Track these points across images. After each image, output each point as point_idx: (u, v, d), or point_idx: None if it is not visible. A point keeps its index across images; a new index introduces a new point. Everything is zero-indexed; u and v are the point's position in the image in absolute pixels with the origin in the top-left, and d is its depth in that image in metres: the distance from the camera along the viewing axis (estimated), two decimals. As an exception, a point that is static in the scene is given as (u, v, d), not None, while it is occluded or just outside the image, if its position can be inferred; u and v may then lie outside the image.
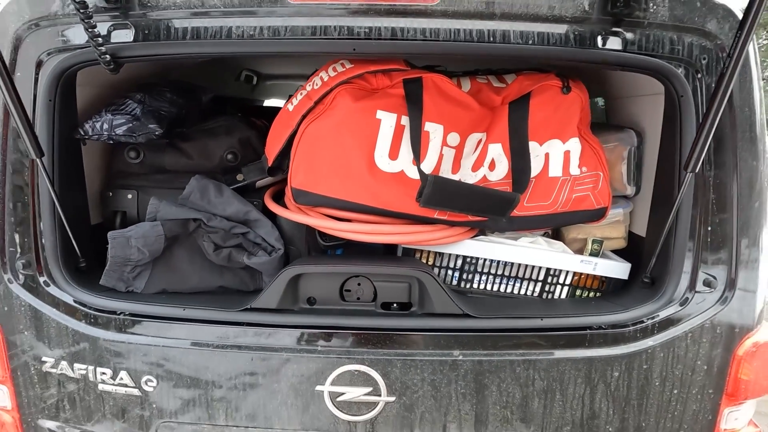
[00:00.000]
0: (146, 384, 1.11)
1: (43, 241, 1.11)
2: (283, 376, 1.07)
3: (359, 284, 1.11)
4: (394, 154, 1.10)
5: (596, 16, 1.00)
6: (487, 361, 1.06)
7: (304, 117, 1.10)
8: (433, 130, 1.11)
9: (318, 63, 1.33)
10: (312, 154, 1.09)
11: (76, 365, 1.13)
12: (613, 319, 1.07)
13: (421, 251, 1.24)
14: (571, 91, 1.11)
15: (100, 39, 0.97)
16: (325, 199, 1.11)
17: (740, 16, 0.96)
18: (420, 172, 1.04)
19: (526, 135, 1.08)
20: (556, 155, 1.13)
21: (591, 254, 1.27)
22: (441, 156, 1.12)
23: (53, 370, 1.15)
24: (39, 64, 1.07)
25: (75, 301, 1.12)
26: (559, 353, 1.07)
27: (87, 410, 1.15)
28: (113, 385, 1.12)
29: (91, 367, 1.12)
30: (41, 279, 1.14)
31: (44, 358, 1.15)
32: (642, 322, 1.08)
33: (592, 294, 1.27)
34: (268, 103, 3.19)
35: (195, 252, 1.19)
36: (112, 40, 1.04)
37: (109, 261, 1.10)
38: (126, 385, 1.11)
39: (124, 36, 1.04)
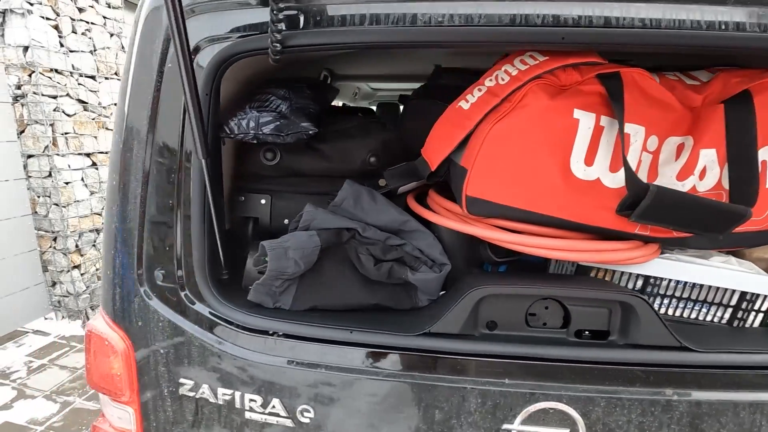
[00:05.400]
0: (302, 414, 0.98)
1: (192, 250, 1.00)
2: (465, 411, 0.93)
3: (546, 308, 0.97)
4: (590, 159, 0.96)
5: None
6: (706, 403, 0.91)
7: (486, 116, 0.97)
8: (634, 132, 0.96)
9: (419, 62, 1.20)
10: (496, 158, 0.95)
11: (221, 390, 1.01)
12: None
13: (597, 269, 1.10)
14: (799, 89, 0.95)
15: (282, 24, 0.85)
16: (505, 210, 0.97)
17: None
18: (632, 180, 0.90)
19: (754, 140, 0.93)
20: (777, 164, 0.97)
21: (789, 277, 1.11)
22: (639, 162, 0.98)
23: (191, 394, 1.04)
24: (195, 52, 0.96)
25: (223, 319, 1.01)
26: (791, 395, 0.91)
27: (228, 440, 1.03)
28: (263, 414, 1.00)
29: (238, 393, 1.00)
30: (183, 293, 1.03)
31: (182, 380, 1.04)
32: None
33: (790, 323, 1.11)
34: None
35: (345, 265, 1.07)
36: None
37: (266, 274, 0.98)
38: (278, 415, 0.99)
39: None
